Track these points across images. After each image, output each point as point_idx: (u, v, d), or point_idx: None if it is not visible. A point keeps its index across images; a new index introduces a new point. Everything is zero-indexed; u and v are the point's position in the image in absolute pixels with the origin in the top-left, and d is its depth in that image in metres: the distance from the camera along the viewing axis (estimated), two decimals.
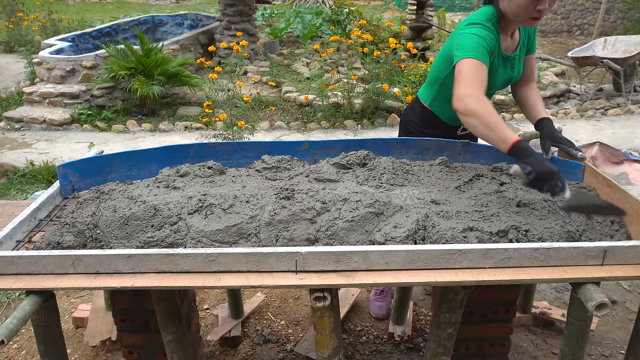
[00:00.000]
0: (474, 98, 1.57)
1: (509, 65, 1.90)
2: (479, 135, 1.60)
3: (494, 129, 1.54)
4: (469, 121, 1.58)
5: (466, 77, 1.62)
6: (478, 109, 1.55)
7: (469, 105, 1.56)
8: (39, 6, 11.18)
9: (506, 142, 1.52)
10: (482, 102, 1.57)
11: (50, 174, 4.48)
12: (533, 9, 1.66)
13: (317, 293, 1.35)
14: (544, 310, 2.49)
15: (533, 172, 1.46)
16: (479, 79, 1.62)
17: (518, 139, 1.52)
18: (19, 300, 2.78)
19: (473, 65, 1.63)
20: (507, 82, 1.96)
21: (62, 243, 1.42)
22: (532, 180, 1.48)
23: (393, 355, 2.33)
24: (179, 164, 1.88)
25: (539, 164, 1.47)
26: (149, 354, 1.87)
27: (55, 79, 6.55)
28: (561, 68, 7.86)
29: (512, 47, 1.89)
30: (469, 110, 1.56)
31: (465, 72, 1.63)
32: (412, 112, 2.19)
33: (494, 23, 1.76)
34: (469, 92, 1.58)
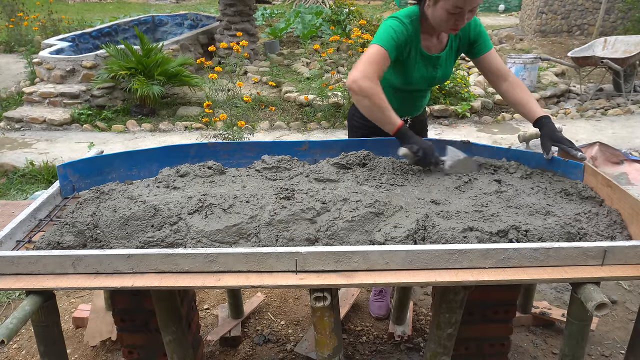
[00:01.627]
0: (368, 79, 1.70)
1: (431, 65, 1.96)
2: (369, 115, 1.76)
3: (384, 111, 1.72)
4: (362, 101, 1.73)
5: (365, 60, 1.74)
6: (371, 91, 1.70)
7: (363, 86, 1.70)
8: (39, 6, 11.18)
9: (393, 125, 1.73)
10: (375, 85, 1.72)
11: (50, 174, 4.48)
12: (452, 24, 1.77)
13: (317, 293, 1.35)
14: (544, 310, 2.49)
15: (420, 150, 1.72)
16: (377, 64, 1.74)
17: (402, 123, 1.75)
18: (19, 300, 2.78)
19: (375, 51, 1.76)
20: (431, 82, 2.03)
21: (62, 243, 1.42)
22: (421, 155, 1.72)
23: (393, 355, 2.33)
24: (179, 164, 1.88)
25: (422, 143, 1.73)
26: (149, 354, 1.87)
27: (55, 79, 6.55)
28: (561, 68, 7.86)
29: (437, 48, 1.96)
30: (363, 90, 1.70)
31: (366, 56, 1.76)
32: (354, 108, 2.23)
33: (412, 20, 1.85)
34: (363, 74, 1.71)
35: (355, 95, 1.73)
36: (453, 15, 1.73)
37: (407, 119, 2.18)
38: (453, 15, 1.73)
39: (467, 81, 6.62)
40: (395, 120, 1.73)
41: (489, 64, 2.00)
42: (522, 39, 10.27)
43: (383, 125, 1.76)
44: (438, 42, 1.95)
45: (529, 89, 6.88)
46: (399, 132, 1.74)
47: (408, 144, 1.74)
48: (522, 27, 11.47)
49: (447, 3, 1.70)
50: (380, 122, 1.76)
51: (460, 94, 6.39)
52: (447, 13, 1.72)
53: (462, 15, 1.73)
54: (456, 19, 1.74)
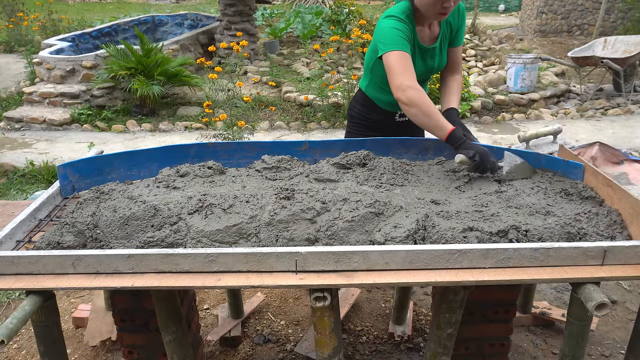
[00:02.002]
0: (412, 89, 1.73)
1: (428, 56, 2.01)
2: (419, 123, 1.76)
3: (433, 118, 1.72)
4: (411, 110, 1.74)
5: (398, 69, 1.77)
6: (418, 100, 1.72)
7: (409, 96, 1.72)
8: (39, 6, 11.18)
9: (444, 130, 1.71)
10: (421, 92, 1.73)
11: (50, 174, 4.48)
12: (440, 7, 1.80)
13: (317, 293, 1.35)
14: (544, 310, 2.49)
15: (477, 155, 1.67)
16: (409, 69, 1.78)
17: (454, 128, 1.71)
18: (19, 300, 2.78)
19: (400, 57, 1.78)
20: (429, 73, 2.07)
21: (62, 243, 1.42)
22: (479, 162, 1.67)
23: (393, 355, 2.33)
24: (179, 164, 1.88)
25: (478, 148, 1.69)
26: (149, 354, 1.87)
27: (55, 79, 6.55)
28: (561, 68, 7.86)
29: (431, 39, 2.00)
30: (411, 100, 1.73)
31: (395, 64, 1.77)
32: (355, 99, 2.31)
33: (408, 15, 1.88)
34: (407, 83, 1.74)
35: (404, 105, 1.75)
36: (440, 0, 1.77)
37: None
38: (440, 0, 1.77)
39: (467, 81, 6.62)
40: (447, 125, 1.71)
41: (453, 57, 2.10)
42: (522, 39, 10.27)
43: (433, 131, 1.74)
44: (430, 32, 1.98)
45: (530, 89, 6.85)
46: (450, 136, 1.70)
47: (463, 149, 1.69)
48: (522, 27, 11.47)
49: None
50: (432, 130, 1.75)
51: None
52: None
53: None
54: (443, 2, 1.78)
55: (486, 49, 9.00)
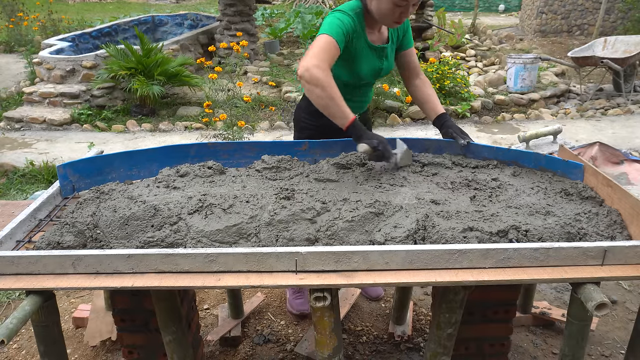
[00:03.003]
0: (320, 69, 1.64)
1: (377, 57, 1.98)
2: (321, 106, 1.68)
3: (336, 103, 1.66)
4: (314, 90, 1.65)
5: (316, 49, 1.70)
6: (324, 81, 1.64)
7: (315, 75, 1.63)
8: (39, 6, 11.18)
9: (346, 118, 1.68)
10: (328, 75, 1.66)
11: (50, 174, 4.48)
12: (397, 16, 1.80)
13: (317, 293, 1.35)
14: (544, 310, 2.49)
15: (380, 144, 1.67)
16: (328, 54, 1.71)
17: (355, 117, 1.69)
18: (19, 300, 2.78)
19: (325, 41, 1.73)
20: (377, 74, 2.05)
21: (62, 243, 1.42)
22: (382, 150, 1.68)
23: (393, 355, 2.33)
24: (179, 164, 1.88)
25: (378, 137, 1.69)
26: (149, 354, 1.87)
27: (55, 79, 6.55)
28: (561, 68, 7.87)
29: (381, 40, 1.99)
30: (315, 79, 1.63)
31: (317, 45, 1.72)
32: (300, 108, 2.22)
33: (357, 13, 1.86)
34: (316, 63, 1.65)
35: (307, 84, 1.65)
36: (399, 8, 1.77)
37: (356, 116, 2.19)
38: (399, 8, 1.77)
39: (467, 81, 6.62)
40: (349, 113, 1.68)
41: (409, 60, 2.10)
42: (522, 39, 10.27)
43: (335, 117, 1.69)
44: (380, 34, 1.99)
45: (530, 89, 6.84)
46: (351, 125, 1.69)
47: (365, 139, 1.69)
48: (522, 27, 11.47)
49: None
50: (333, 115, 1.69)
51: (460, 94, 6.39)
52: (394, 6, 1.76)
53: (407, 7, 1.78)
54: (401, 12, 1.78)
55: (486, 49, 9.00)
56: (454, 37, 9.03)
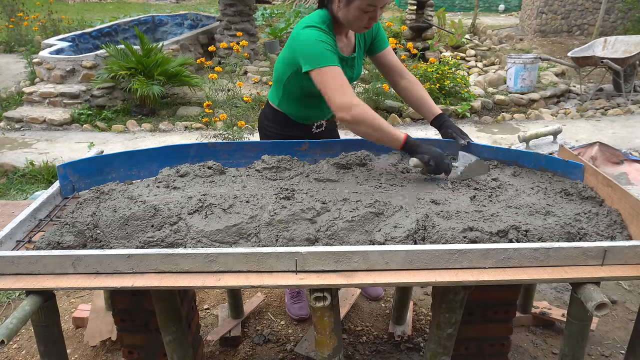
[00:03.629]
0: (356, 106, 1.66)
1: (347, 66, 1.96)
2: (372, 139, 1.73)
3: (384, 131, 1.69)
4: (359, 129, 1.69)
5: (334, 86, 1.69)
6: (364, 116, 1.66)
7: (355, 115, 1.66)
8: (39, 6, 11.18)
9: (398, 140, 1.70)
10: (365, 108, 1.67)
11: (50, 174, 4.48)
12: (366, 22, 1.78)
13: (317, 293, 1.35)
14: (544, 310, 2.49)
15: (432, 159, 1.69)
16: (346, 85, 1.71)
17: (407, 135, 1.71)
18: (19, 300, 2.78)
19: (334, 74, 1.70)
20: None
21: (62, 243, 1.42)
22: (433, 165, 1.69)
23: (393, 355, 2.33)
24: (179, 164, 1.88)
25: (431, 151, 1.70)
26: (149, 354, 1.87)
27: (55, 79, 6.55)
28: (561, 68, 7.87)
29: (348, 49, 1.96)
30: (357, 119, 1.66)
31: (331, 82, 1.69)
32: (265, 116, 2.19)
33: (328, 25, 1.83)
34: (349, 101, 1.66)
35: (350, 125, 1.69)
36: (367, 14, 1.75)
37: (323, 122, 2.16)
38: (367, 14, 1.75)
39: (467, 81, 6.62)
40: (399, 135, 1.70)
41: (388, 60, 2.05)
42: (522, 39, 10.27)
43: (388, 144, 1.73)
44: (348, 41, 1.96)
45: (530, 89, 6.83)
46: (406, 144, 1.71)
47: (418, 154, 1.71)
48: (522, 27, 11.47)
49: (363, 2, 1.71)
50: (384, 142, 1.74)
51: (460, 94, 6.39)
52: (362, 12, 1.74)
53: (375, 13, 1.75)
54: (370, 17, 1.76)
55: (486, 49, 9.00)
56: (454, 37, 9.03)
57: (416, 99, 2.05)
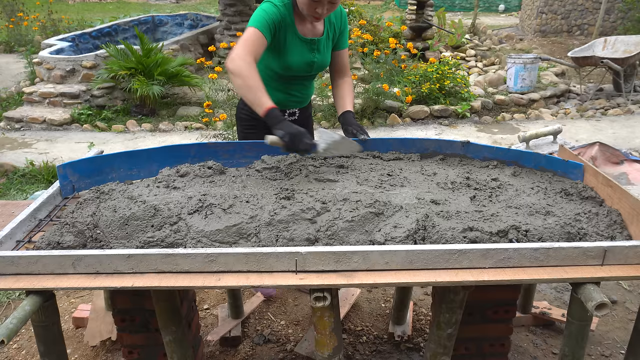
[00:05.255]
0: (243, 60, 1.73)
1: (308, 49, 2.02)
2: (241, 94, 1.82)
3: (255, 92, 1.72)
4: (236, 80, 1.74)
5: (242, 42, 1.80)
6: (245, 71, 1.71)
7: (238, 65, 1.72)
8: (39, 6, 11.18)
9: (262, 107, 1.71)
10: (249, 65, 1.73)
11: (50, 174, 4.48)
12: (313, 11, 1.86)
13: (317, 293, 1.35)
14: (544, 310, 2.49)
15: (287, 135, 1.66)
16: (252, 45, 1.80)
17: (273, 106, 1.71)
18: (19, 300, 2.78)
19: (250, 33, 1.82)
20: (310, 67, 2.07)
21: (62, 243, 1.42)
22: (287, 142, 1.66)
23: (393, 355, 2.33)
24: (179, 164, 1.88)
25: (290, 127, 1.68)
26: (149, 354, 1.87)
27: (55, 79, 6.55)
28: (561, 68, 7.86)
29: (313, 33, 2.03)
30: (236, 70, 1.72)
31: (243, 38, 1.81)
32: (242, 101, 2.27)
33: (286, 4, 1.92)
34: (240, 54, 1.74)
35: (231, 75, 1.74)
36: (314, 3, 1.83)
37: (295, 111, 2.21)
38: (314, 3, 1.83)
39: (467, 81, 6.62)
40: (266, 102, 1.71)
41: (340, 59, 2.17)
42: (522, 39, 10.27)
43: (254, 106, 1.75)
44: (313, 27, 2.02)
45: (530, 89, 6.82)
46: (268, 114, 1.70)
47: (276, 129, 1.69)
48: (522, 27, 11.47)
49: None
50: (251, 102, 1.75)
51: (460, 94, 6.39)
52: (309, 1, 1.82)
53: (322, 3, 1.83)
54: (316, 7, 1.84)
55: (486, 49, 9.00)
56: (454, 37, 9.03)
57: (338, 93, 2.18)
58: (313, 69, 2.08)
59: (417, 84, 6.21)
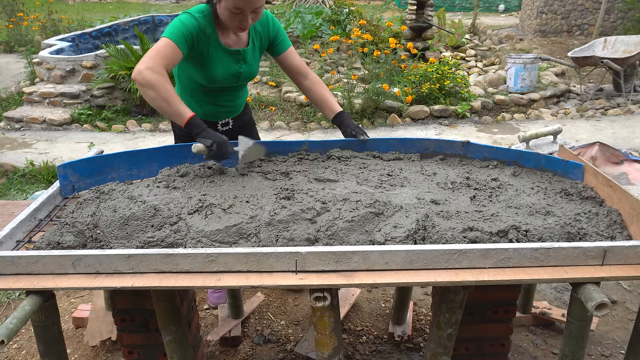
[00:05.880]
0: (153, 71, 1.65)
1: (233, 60, 1.96)
2: (157, 107, 1.70)
3: (171, 103, 1.67)
4: (148, 93, 1.67)
5: (152, 52, 1.72)
6: (156, 83, 1.65)
7: (147, 77, 1.65)
8: (39, 6, 11.18)
9: (182, 117, 1.67)
10: (161, 76, 1.66)
11: (50, 174, 4.48)
12: (238, 22, 1.79)
13: (317, 293, 1.35)
14: (544, 310, 2.49)
15: (215, 144, 1.64)
16: (164, 56, 1.71)
17: (193, 114, 1.67)
18: (19, 300, 2.78)
19: (163, 44, 1.74)
20: (236, 77, 2.01)
21: (62, 243, 1.42)
22: (215, 150, 1.65)
23: (393, 355, 2.33)
24: (179, 164, 1.88)
25: (215, 136, 1.66)
26: (149, 354, 1.87)
27: (55, 79, 6.55)
28: (561, 68, 7.86)
29: (238, 43, 1.97)
30: (147, 82, 1.65)
31: (154, 48, 1.74)
32: None
33: (205, 16, 1.85)
34: (149, 65, 1.66)
35: (141, 87, 1.67)
36: (237, 15, 1.76)
37: (229, 120, 2.16)
38: (237, 15, 1.76)
39: (467, 81, 6.62)
40: (185, 111, 1.68)
41: (290, 61, 2.09)
42: (522, 39, 10.27)
43: (172, 117, 1.70)
44: (237, 37, 1.96)
45: (530, 89, 6.82)
46: (189, 123, 1.67)
47: (201, 137, 1.67)
48: (522, 27, 11.47)
49: (228, 3, 1.73)
50: (170, 115, 1.70)
51: (460, 94, 6.39)
52: (230, 12, 1.76)
53: (245, 15, 1.76)
54: (240, 19, 1.78)
55: (486, 49, 9.00)
56: (454, 37, 9.03)
57: (318, 97, 2.10)
58: (240, 79, 2.03)
59: (417, 84, 6.21)
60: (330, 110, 2.08)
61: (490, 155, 1.94)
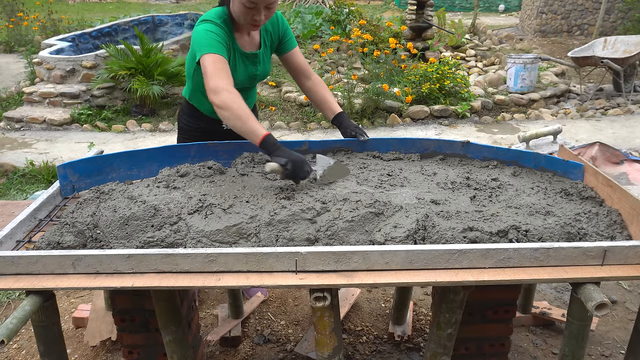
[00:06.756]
0: (226, 91, 1.67)
1: (250, 63, 1.99)
2: (232, 127, 1.70)
3: (245, 122, 1.65)
4: (223, 114, 1.68)
5: (212, 71, 1.71)
6: (230, 102, 1.65)
7: (223, 99, 1.66)
8: (39, 6, 11.18)
9: (257, 135, 1.64)
10: (234, 95, 1.67)
11: (50, 174, 4.48)
12: (250, 18, 1.80)
13: (317, 293, 1.35)
14: (544, 310, 2.49)
15: (289, 162, 1.60)
16: (223, 72, 1.73)
17: (268, 133, 1.65)
18: (19, 300, 2.78)
19: (214, 60, 1.73)
20: (252, 80, 2.04)
21: (62, 243, 1.42)
22: (290, 170, 1.60)
23: (393, 355, 2.33)
24: (179, 164, 1.88)
25: (290, 155, 1.62)
26: (149, 354, 1.87)
27: (55, 79, 6.55)
28: (561, 68, 7.86)
29: (252, 46, 1.99)
30: (223, 103, 1.66)
31: (210, 67, 1.72)
32: (182, 109, 2.26)
33: (225, 20, 1.86)
34: (221, 86, 1.68)
35: (217, 108, 1.68)
36: (250, 10, 1.77)
37: None
38: (250, 10, 1.77)
39: (467, 81, 6.62)
40: (259, 130, 1.64)
41: (295, 61, 2.10)
42: (522, 39, 10.27)
43: (247, 135, 1.67)
44: (250, 39, 1.98)
45: (530, 89, 6.82)
46: (264, 142, 1.64)
47: (276, 156, 1.63)
48: (522, 27, 11.47)
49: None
50: (243, 132, 1.67)
51: (460, 94, 6.39)
52: (244, 7, 1.76)
53: (258, 10, 1.77)
54: (253, 14, 1.78)
55: (486, 49, 9.00)
56: (454, 37, 9.03)
57: (319, 98, 2.12)
58: (255, 81, 2.07)
59: (417, 84, 6.21)
60: (330, 110, 2.09)
61: (490, 155, 1.94)
